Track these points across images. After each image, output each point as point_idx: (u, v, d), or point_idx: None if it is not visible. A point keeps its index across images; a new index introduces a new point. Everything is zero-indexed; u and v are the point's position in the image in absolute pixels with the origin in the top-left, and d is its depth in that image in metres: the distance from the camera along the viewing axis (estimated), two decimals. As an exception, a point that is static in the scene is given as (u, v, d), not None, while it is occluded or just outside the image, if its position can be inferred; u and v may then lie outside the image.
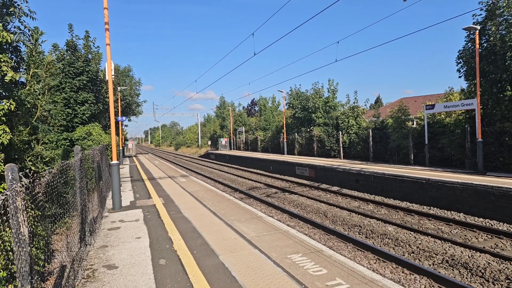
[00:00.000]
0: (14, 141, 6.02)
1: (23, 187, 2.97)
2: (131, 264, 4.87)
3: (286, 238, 5.81)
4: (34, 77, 7.76)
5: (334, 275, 4.22)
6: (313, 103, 27.14)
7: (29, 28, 6.69)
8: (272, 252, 5.11)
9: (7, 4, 6.06)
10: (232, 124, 47.53)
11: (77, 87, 17.28)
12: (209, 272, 4.46)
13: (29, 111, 7.28)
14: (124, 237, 6.24)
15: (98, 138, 15.89)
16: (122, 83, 33.91)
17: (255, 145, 39.15)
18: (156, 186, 13.21)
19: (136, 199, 10.35)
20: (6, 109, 5.49)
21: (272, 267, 4.54)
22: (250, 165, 27.42)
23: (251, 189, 16.46)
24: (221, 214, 7.87)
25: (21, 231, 2.79)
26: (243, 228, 6.54)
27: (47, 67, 8.93)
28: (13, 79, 5.65)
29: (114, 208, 8.78)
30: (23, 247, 2.75)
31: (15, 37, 6.19)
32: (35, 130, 7.80)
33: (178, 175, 17.41)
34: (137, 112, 39.37)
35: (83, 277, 4.44)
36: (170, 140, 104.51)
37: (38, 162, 7.00)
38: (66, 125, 16.65)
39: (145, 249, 5.52)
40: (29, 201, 3.50)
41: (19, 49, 6.59)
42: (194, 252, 5.28)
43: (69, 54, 17.66)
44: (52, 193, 4.12)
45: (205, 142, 63.34)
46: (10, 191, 2.70)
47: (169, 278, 4.32)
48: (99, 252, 5.46)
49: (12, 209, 2.70)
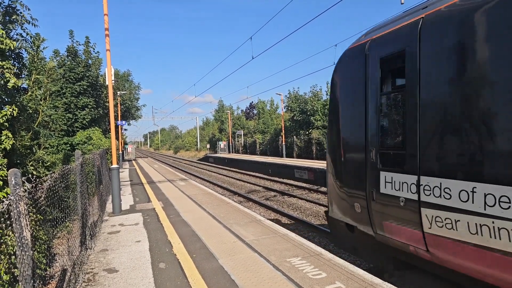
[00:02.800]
0: (16, 146, 6.09)
1: (26, 192, 3.02)
2: (131, 267, 4.91)
3: (285, 241, 5.85)
4: (36, 83, 7.84)
5: (334, 278, 4.26)
6: (312, 106, 27.26)
7: (31, 35, 6.80)
8: (271, 256, 5.15)
9: (10, 12, 6.16)
10: (231, 127, 47.62)
11: (78, 92, 17.39)
12: (208, 275, 4.51)
13: (31, 117, 7.35)
14: (124, 241, 6.28)
15: (98, 143, 15.96)
16: (122, 87, 34.05)
17: (253, 148, 39.21)
18: (156, 189, 13.25)
19: (135, 202, 10.40)
20: (9, 115, 5.57)
21: (271, 270, 4.59)
22: (249, 168, 27.45)
23: (250, 192, 16.50)
24: (220, 217, 7.92)
25: (24, 235, 2.84)
26: (242, 232, 6.58)
27: (49, 73, 9.02)
28: (15, 85, 5.73)
29: (114, 212, 8.83)
30: (26, 251, 2.80)
31: (17, 44, 6.29)
32: (37, 135, 7.87)
33: (177, 178, 17.45)
34: (136, 116, 39.48)
35: (84, 281, 4.49)
36: (169, 143, 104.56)
37: (39, 167, 7.07)
38: (66, 130, 16.74)
39: (145, 252, 5.57)
40: (31, 206, 3.56)
41: (21, 55, 6.68)
42: (193, 255, 5.33)
43: (70, 60, 17.80)
44: (53, 198, 4.18)
45: (204, 145, 63.40)
46: (13, 196, 2.76)
47: (169, 282, 4.36)
48: (100, 255, 5.50)
49: (15, 214, 2.76)
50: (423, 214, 3.85)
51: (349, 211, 5.31)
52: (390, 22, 4.79)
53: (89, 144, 15.96)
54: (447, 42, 3.66)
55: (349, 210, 5.30)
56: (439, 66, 3.75)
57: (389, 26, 4.67)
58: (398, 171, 4.24)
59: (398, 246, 4.45)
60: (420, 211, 3.89)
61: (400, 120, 4.35)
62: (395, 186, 4.27)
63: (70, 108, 17.17)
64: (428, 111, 3.84)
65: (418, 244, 4.05)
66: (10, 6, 6.20)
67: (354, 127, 5.13)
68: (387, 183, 4.41)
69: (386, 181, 4.42)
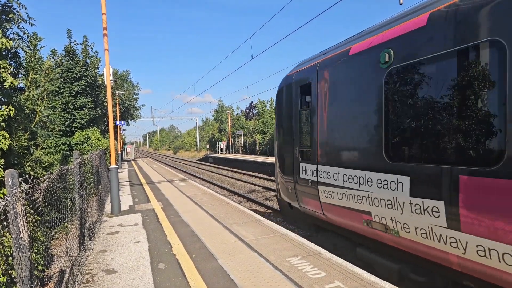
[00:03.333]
0: (13, 147, 6.05)
1: (23, 193, 2.99)
2: (130, 268, 4.88)
3: (285, 241, 5.83)
4: (33, 82, 7.79)
5: (333, 277, 4.25)
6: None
7: (28, 34, 6.74)
8: (271, 255, 5.13)
9: (6, 10, 6.11)
10: (231, 127, 47.59)
11: (76, 92, 17.31)
12: (208, 275, 4.48)
13: (28, 117, 7.30)
14: (123, 242, 6.25)
15: (96, 143, 15.90)
16: (120, 87, 33.96)
17: (253, 148, 39.19)
18: (155, 190, 13.22)
19: (135, 203, 10.36)
20: (6, 115, 5.52)
21: (270, 270, 4.57)
22: (249, 168, 27.43)
23: (250, 192, 16.47)
24: (220, 217, 7.89)
25: (21, 236, 2.81)
26: (241, 232, 6.56)
27: (46, 73, 8.97)
28: (12, 85, 5.68)
29: (113, 213, 8.79)
30: (23, 252, 2.77)
31: (14, 43, 6.24)
32: (34, 135, 7.83)
33: (176, 179, 17.41)
34: (135, 116, 39.36)
35: (83, 282, 4.45)
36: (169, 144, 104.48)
37: (37, 167, 7.02)
38: (64, 130, 16.67)
39: (144, 253, 5.54)
40: (28, 207, 3.52)
41: (18, 55, 6.63)
42: (193, 255, 5.30)
43: (68, 59, 17.71)
44: (51, 198, 4.14)
45: (203, 145, 63.36)
46: (10, 197, 2.73)
47: (168, 282, 4.34)
48: (98, 256, 5.47)
49: (12, 215, 2.73)
50: (319, 190, 5.84)
51: (286, 193, 7.34)
52: (306, 61, 6.83)
53: (87, 144, 15.90)
54: (327, 79, 5.71)
55: (286, 192, 7.33)
56: (324, 93, 5.75)
57: (305, 64, 6.72)
58: (308, 162, 6.26)
59: (311, 213, 6.47)
60: (318, 188, 5.88)
61: (308, 128, 6.31)
62: (306, 173, 6.28)
63: (68, 108, 17.10)
64: (320, 123, 5.81)
65: (319, 210, 6.04)
66: (7, 5, 6.15)
67: (288, 133, 7.13)
68: (303, 170, 6.41)
69: (303, 170, 6.42)
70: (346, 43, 5.51)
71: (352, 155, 5.04)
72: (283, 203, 7.81)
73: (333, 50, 5.90)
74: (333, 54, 5.70)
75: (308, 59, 6.79)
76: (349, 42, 5.46)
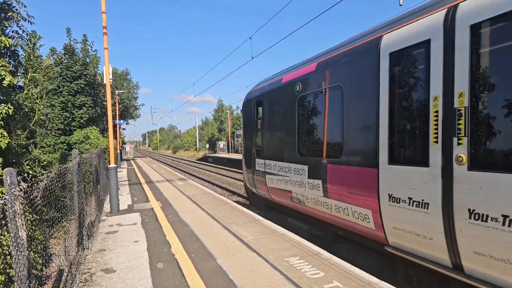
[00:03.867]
0: (12, 145, 6.03)
1: (21, 191, 2.98)
2: (129, 267, 4.87)
3: (284, 241, 5.83)
4: (32, 81, 7.77)
5: (332, 277, 4.25)
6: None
7: (27, 32, 6.72)
8: (270, 255, 5.13)
9: (5, 8, 6.09)
10: (230, 127, 47.57)
11: (75, 90, 17.27)
12: (207, 275, 4.47)
13: (27, 115, 7.28)
14: (122, 241, 6.23)
15: (95, 142, 15.87)
16: (120, 86, 33.92)
17: (253, 148, 39.14)
18: (154, 189, 13.20)
19: (134, 202, 10.34)
20: (4, 113, 5.50)
21: (269, 270, 4.56)
22: (248, 168, 27.43)
23: (249, 192, 16.47)
24: (219, 217, 7.89)
25: (20, 235, 2.80)
26: (240, 231, 6.55)
27: (45, 71, 8.94)
28: (11, 83, 5.66)
29: (112, 212, 8.77)
30: (21, 251, 2.76)
31: (13, 41, 6.22)
32: (33, 134, 7.80)
33: (176, 178, 17.40)
34: (135, 116, 39.33)
35: (81, 281, 4.44)
36: (168, 143, 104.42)
37: (35, 166, 7.00)
38: (63, 129, 16.63)
39: (143, 252, 5.53)
40: (27, 205, 3.51)
41: (17, 53, 6.61)
42: (192, 255, 5.29)
43: (67, 58, 17.67)
44: (50, 197, 4.13)
45: (203, 145, 63.33)
46: (8, 196, 2.72)
47: (167, 282, 4.33)
48: (97, 256, 5.46)
49: (11, 214, 2.72)
50: (266, 178, 7.99)
51: (248, 181, 9.57)
52: (261, 82, 8.91)
53: (86, 143, 15.86)
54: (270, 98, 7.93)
55: (248, 181, 9.57)
56: (268, 108, 8.00)
57: (260, 85, 8.86)
58: (260, 158, 8.43)
59: (262, 196, 8.61)
60: (265, 176, 8.04)
61: (260, 133, 8.53)
62: (259, 166, 8.46)
63: (67, 106, 17.05)
64: (266, 129, 8.09)
65: (266, 193, 8.18)
66: (6, 3, 6.13)
67: (249, 137, 9.47)
68: (257, 164, 8.62)
69: (257, 163, 8.63)
70: (282, 74, 7.63)
71: (282, 152, 7.18)
72: (248, 190, 10.06)
73: (275, 77, 8.00)
74: (274, 80, 7.87)
75: (262, 81, 9.00)
76: (283, 73, 7.56)
